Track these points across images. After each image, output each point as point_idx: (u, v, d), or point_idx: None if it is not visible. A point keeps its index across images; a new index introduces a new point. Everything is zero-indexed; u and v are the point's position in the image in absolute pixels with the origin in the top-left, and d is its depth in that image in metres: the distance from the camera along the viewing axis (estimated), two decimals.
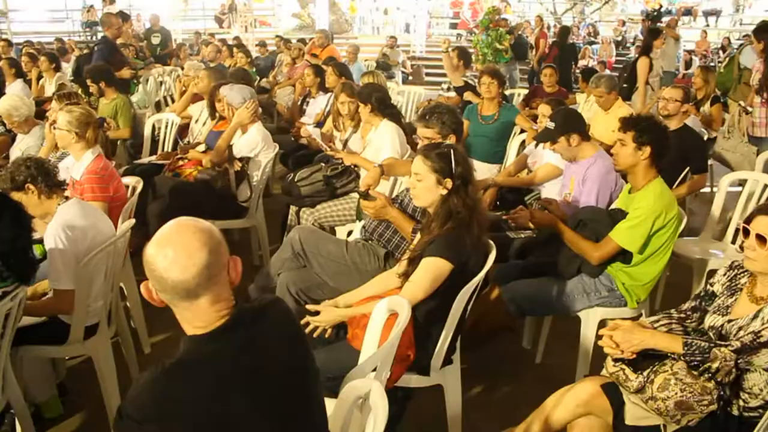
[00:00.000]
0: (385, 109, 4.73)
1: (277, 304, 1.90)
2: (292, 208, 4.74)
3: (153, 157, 5.78)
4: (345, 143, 5.26)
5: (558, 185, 4.45)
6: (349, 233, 4.38)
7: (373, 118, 4.71)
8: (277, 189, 6.53)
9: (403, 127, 4.79)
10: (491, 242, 3.00)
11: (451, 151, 2.92)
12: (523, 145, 5.49)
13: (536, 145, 4.91)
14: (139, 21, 21.28)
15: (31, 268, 2.76)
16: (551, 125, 4.06)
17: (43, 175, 3.11)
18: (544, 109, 4.95)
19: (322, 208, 4.58)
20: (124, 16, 9.98)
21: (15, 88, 7.31)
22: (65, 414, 3.47)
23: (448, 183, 2.88)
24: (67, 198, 3.19)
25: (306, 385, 1.84)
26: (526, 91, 8.75)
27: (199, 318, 1.70)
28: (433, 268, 2.78)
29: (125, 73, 7.75)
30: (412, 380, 2.90)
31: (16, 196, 3.08)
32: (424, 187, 2.93)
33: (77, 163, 3.83)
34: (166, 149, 6.05)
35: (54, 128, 3.93)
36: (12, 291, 2.63)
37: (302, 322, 2.78)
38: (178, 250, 1.63)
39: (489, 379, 3.80)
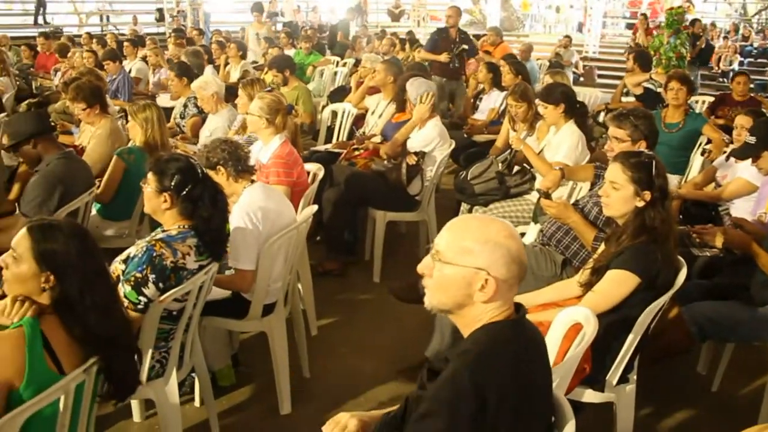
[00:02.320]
0: (575, 110, 4.57)
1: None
2: (464, 206, 4.73)
3: (329, 145, 5.96)
4: None
5: (750, 203, 4.13)
6: (521, 235, 4.28)
7: (560, 120, 4.54)
8: (445, 184, 6.55)
9: (587, 131, 4.62)
10: (682, 259, 2.83)
11: (653, 161, 2.77)
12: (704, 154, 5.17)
13: (727, 158, 4.58)
14: (315, 13, 22.10)
15: (224, 246, 2.91)
16: (752, 139, 3.77)
17: (235, 160, 3.26)
18: (742, 121, 4.60)
19: (495, 208, 4.53)
20: None
21: (206, 72, 7.78)
22: (237, 383, 3.66)
23: (647, 196, 2.74)
24: (253, 182, 3.34)
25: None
26: (710, 99, 8.20)
27: (507, 303, 1.75)
28: (620, 281, 2.66)
29: None
30: (584, 394, 2.80)
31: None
32: (620, 197, 2.81)
33: (265, 148, 4.01)
34: (341, 138, 6.22)
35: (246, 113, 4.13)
36: (206, 266, 2.79)
37: None
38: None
39: (660, 401, 3.59)
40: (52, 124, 4.10)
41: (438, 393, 1.65)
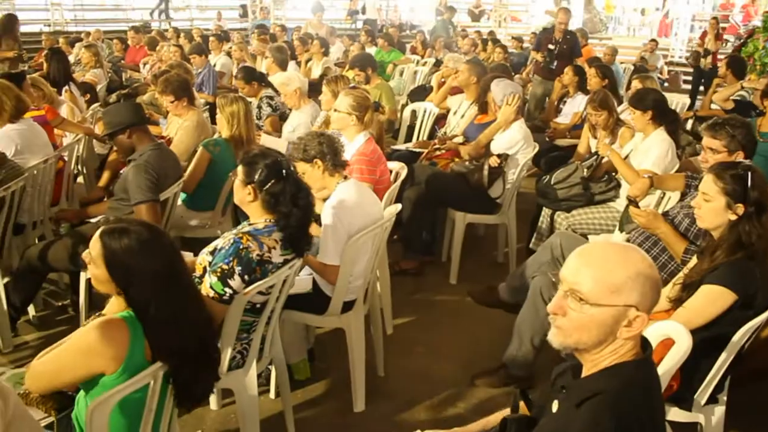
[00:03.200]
0: (665, 117, 4.41)
1: None
2: (545, 210, 4.64)
3: (410, 144, 5.95)
4: None
5: None
6: None
7: (649, 127, 4.40)
8: (525, 187, 6.44)
9: (678, 139, 4.46)
10: None
11: (749, 173, 2.65)
12: None
13: None
14: (396, 12, 22.17)
15: (306, 243, 2.93)
16: None
17: (332, 154, 3.29)
18: None
19: (578, 214, 4.43)
20: None
21: (289, 68, 7.88)
22: (312, 378, 3.70)
23: (740, 209, 2.62)
24: (346, 177, 3.34)
25: None
26: None
27: (636, 339, 1.67)
28: (714, 297, 2.55)
29: None
30: (670, 412, 2.69)
31: (302, 167, 3.31)
32: (711, 209, 2.71)
33: (349, 144, 4.02)
34: (422, 138, 6.21)
35: (333, 110, 4.15)
36: (291, 260, 2.82)
37: None
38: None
39: (748, 425, 3.43)
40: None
41: None
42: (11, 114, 4.29)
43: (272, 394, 3.52)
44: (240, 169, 2.83)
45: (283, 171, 2.80)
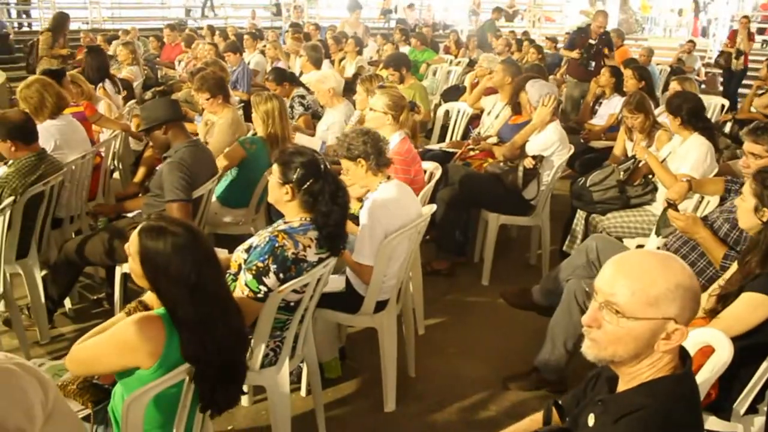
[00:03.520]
0: (698, 122, 4.35)
1: None
2: (580, 213, 4.59)
3: (443, 144, 5.93)
4: None
5: None
6: (638, 247, 4.13)
7: (683, 130, 4.35)
8: (558, 189, 6.39)
9: (716, 142, 4.39)
10: None
11: None
12: None
13: None
14: (429, 12, 22.14)
15: (342, 242, 2.93)
16: None
17: (376, 154, 3.27)
18: None
19: (613, 217, 4.37)
20: None
21: (323, 67, 7.90)
22: (343, 377, 3.69)
23: (765, 214, 2.59)
24: (389, 177, 3.34)
25: None
26: None
27: (674, 351, 1.62)
28: (756, 305, 2.50)
29: None
30: (708, 421, 2.64)
31: (346, 164, 3.30)
32: (743, 209, 2.77)
33: None
34: (455, 138, 6.18)
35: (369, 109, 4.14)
36: (325, 259, 2.82)
37: None
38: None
39: None
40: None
41: None
42: (51, 110, 4.37)
43: (303, 392, 3.52)
44: (276, 168, 2.81)
45: (321, 169, 2.80)
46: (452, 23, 21.68)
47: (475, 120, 6.36)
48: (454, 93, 8.09)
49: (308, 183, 2.76)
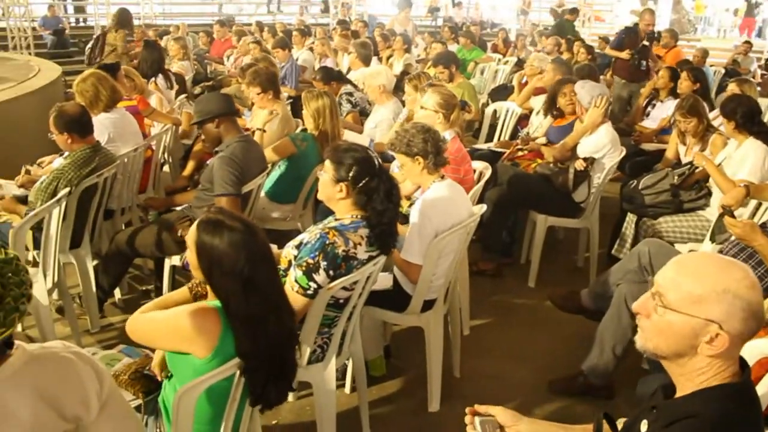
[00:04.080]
0: (753, 126, 4.23)
1: None
2: (630, 216, 4.51)
3: (492, 144, 5.89)
4: None
5: None
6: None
7: (738, 135, 4.25)
8: (608, 192, 6.29)
9: None
10: None
11: None
12: None
13: None
14: (477, 10, 22.01)
15: (394, 240, 2.91)
16: None
17: (435, 153, 3.23)
18: None
19: (665, 222, 4.29)
20: None
21: (372, 64, 7.91)
22: (387, 375, 3.69)
23: None
24: (443, 177, 3.31)
25: None
26: None
27: (734, 358, 1.58)
28: None
29: None
30: None
31: (402, 159, 3.29)
32: None
33: None
34: (503, 138, 6.13)
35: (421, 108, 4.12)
36: (375, 257, 2.81)
37: None
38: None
39: None
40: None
41: None
42: (106, 103, 4.45)
43: (347, 389, 3.52)
44: (329, 165, 2.79)
45: (376, 167, 2.79)
46: (500, 21, 21.54)
47: (523, 120, 6.30)
48: (501, 92, 8.03)
49: (364, 181, 2.75)
